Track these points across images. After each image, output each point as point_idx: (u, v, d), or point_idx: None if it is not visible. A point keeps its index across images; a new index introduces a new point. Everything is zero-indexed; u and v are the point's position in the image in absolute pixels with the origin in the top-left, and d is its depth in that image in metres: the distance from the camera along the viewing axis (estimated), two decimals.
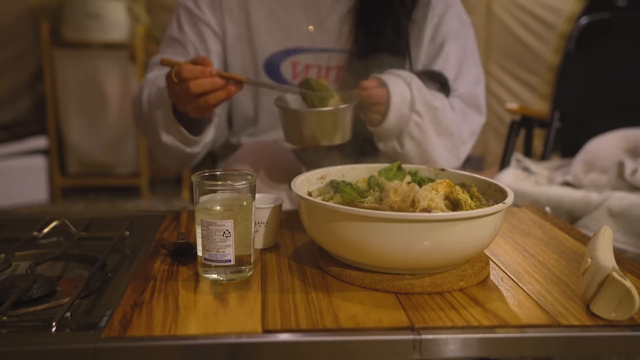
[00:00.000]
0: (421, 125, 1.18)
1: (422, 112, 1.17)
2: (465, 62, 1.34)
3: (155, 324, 0.69)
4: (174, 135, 1.18)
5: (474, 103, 1.34)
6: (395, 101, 1.13)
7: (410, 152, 1.21)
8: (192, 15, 1.32)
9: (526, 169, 2.10)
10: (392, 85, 1.14)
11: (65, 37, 3.25)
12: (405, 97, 1.14)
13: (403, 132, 1.17)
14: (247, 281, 0.82)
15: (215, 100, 1.05)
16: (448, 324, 0.70)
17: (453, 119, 1.26)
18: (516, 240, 1.01)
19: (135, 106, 1.29)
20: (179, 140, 1.19)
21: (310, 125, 1.09)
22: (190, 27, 1.32)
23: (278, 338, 0.68)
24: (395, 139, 1.19)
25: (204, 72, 1.02)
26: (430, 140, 1.21)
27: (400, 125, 1.16)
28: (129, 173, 3.52)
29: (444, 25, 1.33)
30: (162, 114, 1.17)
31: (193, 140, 1.19)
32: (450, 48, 1.33)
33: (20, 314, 0.74)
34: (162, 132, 1.18)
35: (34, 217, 1.11)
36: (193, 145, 1.21)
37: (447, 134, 1.24)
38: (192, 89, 1.02)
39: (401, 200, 0.84)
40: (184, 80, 1.02)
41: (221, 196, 0.82)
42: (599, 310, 0.72)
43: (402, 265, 0.79)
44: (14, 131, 3.28)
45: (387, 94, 1.13)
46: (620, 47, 2.35)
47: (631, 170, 1.74)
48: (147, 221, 1.09)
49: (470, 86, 1.34)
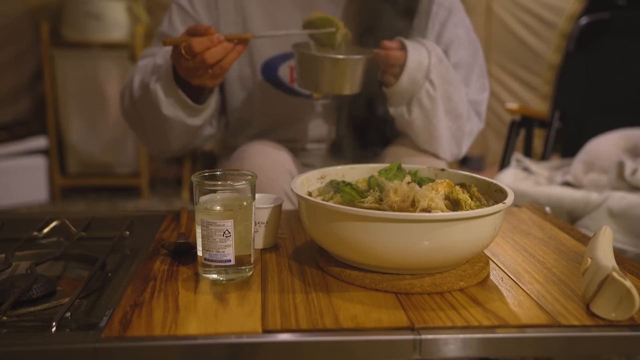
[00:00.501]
0: (432, 95, 1.20)
1: (435, 82, 1.19)
2: (472, 71, 1.35)
3: (155, 324, 0.69)
4: (177, 105, 1.18)
5: (476, 109, 1.35)
6: (411, 65, 1.16)
7: (416, 120, 1.23)
8: (186, 13, 1.32)
9: (526, 169, 2.10)
10: (412, 50, 1.17)
11: (65, 37, 3.25)
12: (422, 63, 1.17)
13: (413, 98, 1.20)
14: (247, 281, 0.82)
15: (229, 64, 1.09)
16: (448, 324, 0.70)
17: (464, 102, 1.27)
18: (516, 240, 1.01)
19: (124, 96, 1.28)
20: (182, 110, 1.19)
21: (319, 70, 1.15)
22: (183, 25, 1.31)
23: (278, 338, 0.68)
24: (405, 104, 1.21)
25: (213, 40, 1.05)
26: (437, 113, 1.23)
27: (412, 90, 1.19)
28: (129, 173, 3.52)
29: (447, 32, 1.33)
30: (162, 85, 1.16)
31: (196, 108, 1.19)
32: (455, 54, 1.33)
33: (20, 314, 0.74)
34: (163, 105, 1.17)
35: (34, 217, 1.11)
36: (196, 115, 1.21)
37: (456, 115, 1.25)
38: (208, 60, 1.05)
39: (401, 200, 0.84)
40: (196, 54, 1.05)
41: (221, 196, 0.82)
42: (599, 310, 0.72)
43: (402, 265, 0.79)
44: (14, 131, 3.27)
45: (405, 57, 1.16)
46: (620, 47, 2.35)
47: (631, 170, 1.74)
48: (147, 221, 1.09)
49: (475, 93, 1.35)
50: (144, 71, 1.22)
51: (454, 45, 1.33)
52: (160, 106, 1.18)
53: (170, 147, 1.31)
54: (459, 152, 1.33)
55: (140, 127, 1.29)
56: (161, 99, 1.17)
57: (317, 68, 1.16)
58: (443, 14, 1.33)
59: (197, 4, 1.31)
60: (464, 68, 1.33)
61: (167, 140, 1.27)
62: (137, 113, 1.25)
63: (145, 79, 1.20)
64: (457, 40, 1.34)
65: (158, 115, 1.19)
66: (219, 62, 1.07)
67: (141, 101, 1.22)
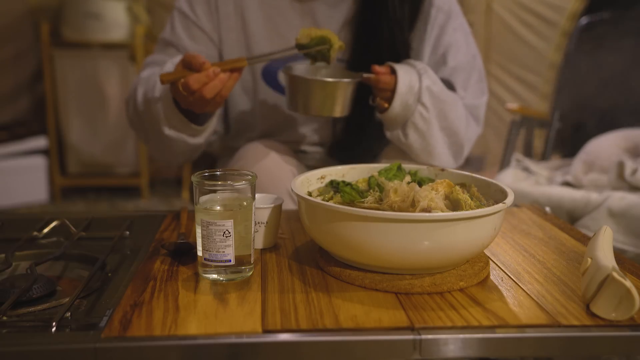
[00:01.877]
0: (426, 118, 1.20)
1: (428, 105, 1.19)
2: (470, 75, 1.35)
3: (155, 324, 0.69)
4: (177, 127, 1.18)
5: (474, 114, 1.35)
6: (402, 90, 1.16)
7: (413, 143, 1.23)
8: (187, 19, 1.32)
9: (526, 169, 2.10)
10: (402, 74, 1.17)
11: (65, 37, 3.25)
12: (412, 87, 1.17)
13: (408, 121, 1.20)
14: (247, 281, 0.82)
15: (228, 92, 1.10)
16: (448, 324, 0.70)
17: (461, 119, 1.27)
18: (516, 240, 1.01)
19: (129, 105, 1.29)
20: (183, 132, 1.19)
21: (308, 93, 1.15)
22: (184, 31, 1.32)
23: (278, 338, 0.68)
24: (400, 128, 1.22)
25: (210, 75, 1.05)
26: (433, 133, 1.23)
27: (405, 114, 1.19)
28: (129, 173, 3.52)
29: (446, 36, 1.33)
30: (162, 107, 1.17)
31: (198, 129, 1.20)
32: (454, 59, 1.33)
33: (20, 314, 0.74)
34: (164, 126, 1.18)
35: (34, 217, 1.11)
36: (198, 136, 1.21)
37: (452, 132, 1.25)
38: (206, 95, 1.06)
39: (401, 200, 0.84)
40: (195, 91, 1.06)
41: (221, 196, 0.82)
42: (599, 310, 0.72)
43: (402, 265, 0.79)
44: (14, 131, 3.27)
45: (395, 81, 1.16)
46: (621, 47, 2.35)
47: (631, 170, 1.74)
48: (147, 221, 1.09)
49: (474, 98, 1.35)
50: (147, 84, 1.23)
51: (453, 49, 1.33)
52: (161, 127, 1.18)
53: (175, 160, 1.32)
54: (459, 161, 1.34)
55: (145, 137, 1.30)
56: (162, 120, 1.18)
57: (307, 91, 1.15)
58: (442, 18, 1.33)
59: (198, 9, 1.31)
60: (462, 72, 1.33)
61: (171, 154, 1.29)
62: (142, 124, 1.26)
63: (148, 94, 1.21)
64: (455, 44, 1.34)
65: (161, 133, 1.20)
66: (218, 93, 1.08)
67: (144, 116, 1.22)
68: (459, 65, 1.33)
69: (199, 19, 1.31)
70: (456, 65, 1.33)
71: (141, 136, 1.32)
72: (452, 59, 1.32)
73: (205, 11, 1.32)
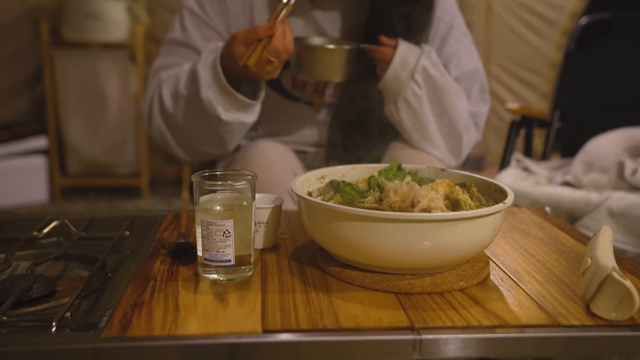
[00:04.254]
0: (419, 95, 1.23)
1: (421, 83, 1.22)
2: (473, 85, 1.35)
3: (155, 324, 0.69)
4: (235, 108, 1.19)
5: (475, 122, 1.36)
6: (396, 62, 1.21)
7: (405, 119, 1.26)
8: (198, 18, 1.31)
9: (526, 169, 2.10)
10: (401, 49, 1.21)
11: (65, 37, 3.25)
12: (408, 63, 1.21)
13: (400, 96, 1.23)
14: (247, 281, 0.82)
15: (291, 43, 1.15)
16: (448, 324, 0.70)
17: (460, 113, 1.28)
18: (516, 240, 1.01)
19: (152, 112, 1.27)
20: (241, 111, 1.20)
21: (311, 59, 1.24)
22: (197, 30, 1.31)
23: (278, 338, 0.68)
24: (393, 103, 1.25)
25: (285, 32, 1.12)
26: (425, 114, 1.25)
27: (398, 87, 1.23)
28: (129, 173, 3.52)
29: (448, 46, 1.34)
30: (215, 92, 1.17)
31: (254, 104, 1.21)
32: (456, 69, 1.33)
33: (20, 314, 0.74)
34: (222, 111, 1.19)
35: (34, 217, 1.11)
36: (252, 111, 1.23)
37: (449, 121, 1.26)
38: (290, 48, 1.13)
39: (401, 200, 0.84)
40: (281, 53, 1.12)
41: (221, 196, 0.82)
42: (599, 310, 0.72)
43: (402, 265, 0.79)
44: (14, 131, 3.27)
45: (393, 54, 1.21)
46: (621, 46, 2.35)
47: (631, 170, 1.74)
48: (147, 221, 1.09)
49: (475, 106, 1.36)
50: (175, 83, 1.22)
51: (455, 59, 1.34)
52: (218, 113, 1.18)
53: (226, 148, 1.30)
54: (458, 159, 1.34)
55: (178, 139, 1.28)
56: (218, 106, 1.18)
57: (310, 57, 1.24)
58: (444, 28, 1.34)
59: (208, 8, 1.31)
60: (465, 82, 1.34)
61: (223, 144, 1.28)
62: (175, 126, 1.25)
63: (182, 91, 1.20)
64: (457, 54, 1.34)
65: (216, 122, 1.20)
66: None
67: (183, 114, 1.21)
68: (462, 75, 1.34)
69: (210, 19, 1.31)
70: (458, 75, 1.33)
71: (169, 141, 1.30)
72: (454, 69, 1.33)
73: (216, 11, 1.32)
